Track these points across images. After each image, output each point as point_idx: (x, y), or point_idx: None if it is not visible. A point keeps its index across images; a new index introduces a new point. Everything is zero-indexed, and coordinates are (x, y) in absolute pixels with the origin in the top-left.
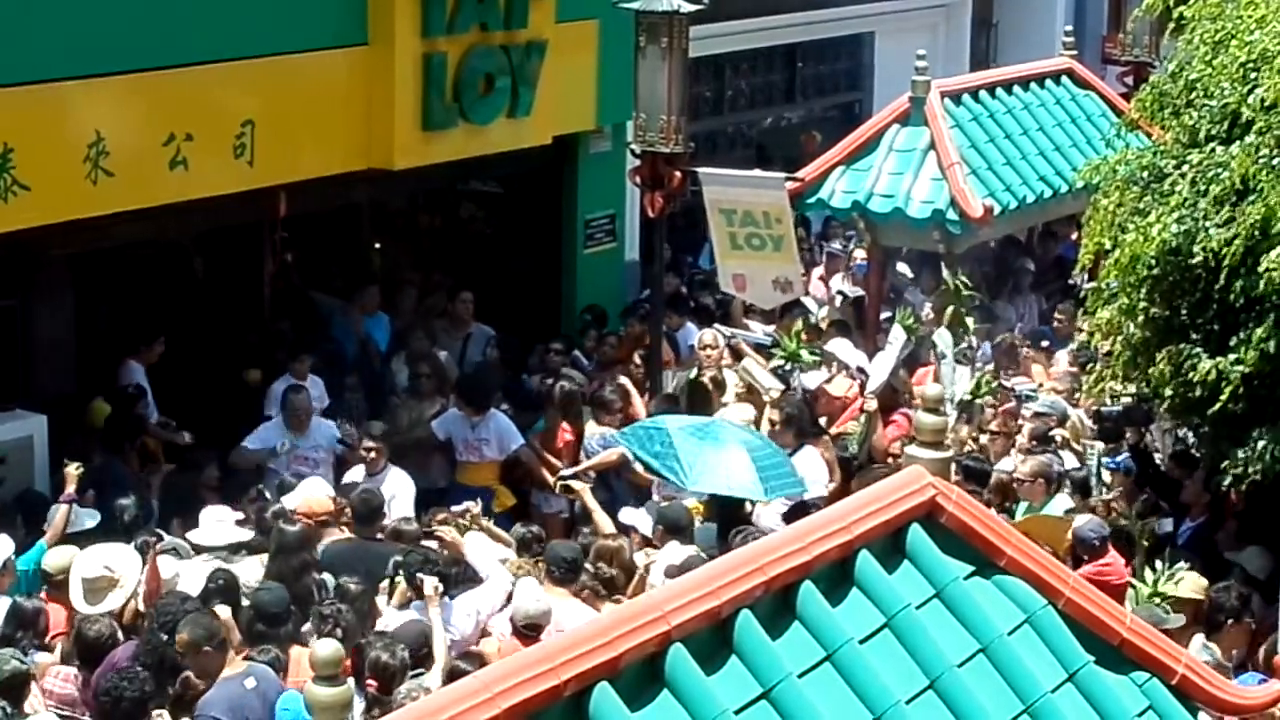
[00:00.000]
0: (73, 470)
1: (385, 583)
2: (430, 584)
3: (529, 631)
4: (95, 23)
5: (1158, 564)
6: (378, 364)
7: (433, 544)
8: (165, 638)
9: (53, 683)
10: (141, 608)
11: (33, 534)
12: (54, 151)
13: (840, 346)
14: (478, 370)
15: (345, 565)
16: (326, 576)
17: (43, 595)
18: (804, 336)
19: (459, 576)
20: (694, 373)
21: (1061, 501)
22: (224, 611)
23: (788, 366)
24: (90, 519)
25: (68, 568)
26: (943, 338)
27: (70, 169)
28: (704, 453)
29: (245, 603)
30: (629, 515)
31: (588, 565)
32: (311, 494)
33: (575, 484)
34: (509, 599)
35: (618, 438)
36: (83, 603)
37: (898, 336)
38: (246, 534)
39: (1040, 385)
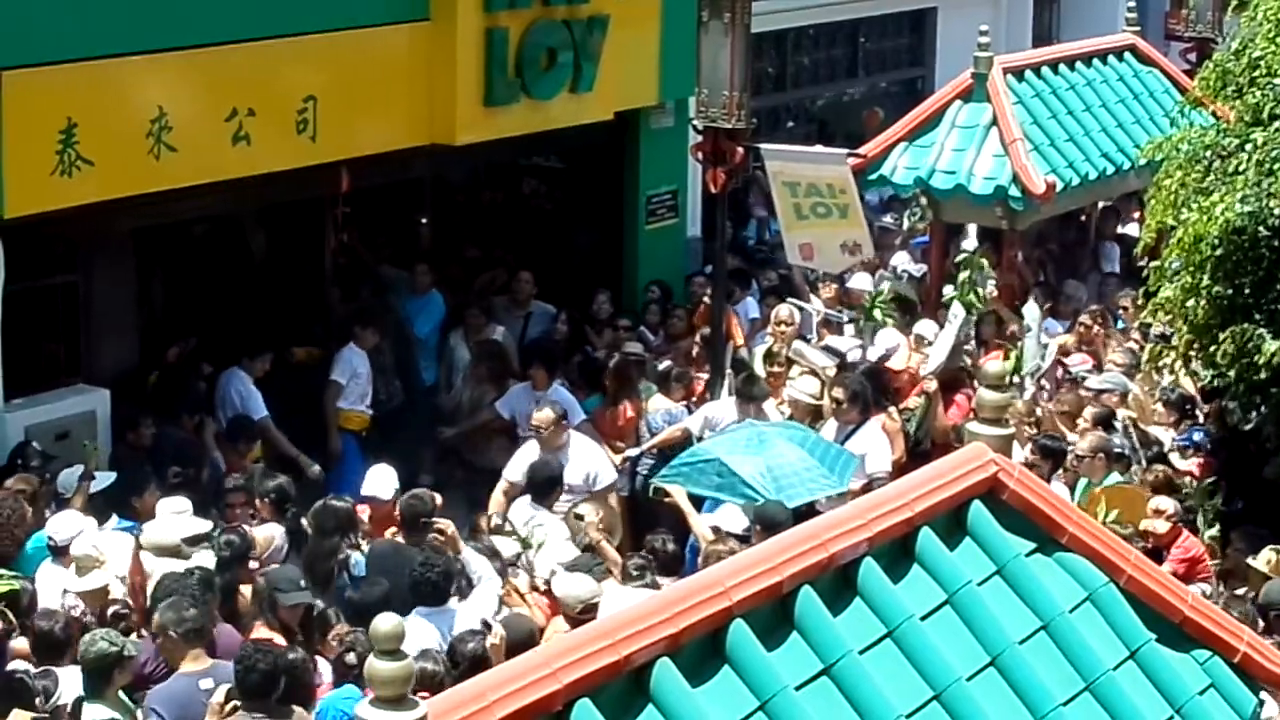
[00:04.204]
0: (91, 449)
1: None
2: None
3: None
4: None
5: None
6: (412, 349)
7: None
8: None
9: None
10: (119, 592)
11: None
12: (117, 127)
13: (922, 326)
14: (545, 338)
15: (380, 568)
16: (357, 558)
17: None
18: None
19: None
20: (767, 346)
21: (1117, 478)
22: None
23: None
24: (105, 480)
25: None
26: (1030, 312)
27: (133, 144)
28: (768, 467)
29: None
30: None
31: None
32: None
33: (669, 486)
34: (500, 602)
35: (663, 480)
36: (74, 578)
37: (957, 313)
38: (203, 525)
39: (1097, 365)
